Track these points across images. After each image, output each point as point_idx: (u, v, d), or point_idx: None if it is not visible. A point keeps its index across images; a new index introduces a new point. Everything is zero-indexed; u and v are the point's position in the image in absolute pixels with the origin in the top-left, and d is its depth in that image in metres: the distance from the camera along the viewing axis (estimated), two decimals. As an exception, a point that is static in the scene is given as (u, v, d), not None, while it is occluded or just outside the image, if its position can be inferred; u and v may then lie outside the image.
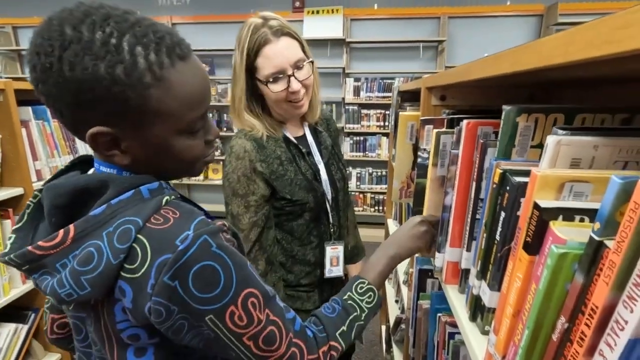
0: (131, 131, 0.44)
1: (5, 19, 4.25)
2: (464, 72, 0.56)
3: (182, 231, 0.42)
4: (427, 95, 0.91)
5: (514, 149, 0.49)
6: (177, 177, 0.54)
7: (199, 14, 3.95)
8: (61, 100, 0.41)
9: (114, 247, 0.41)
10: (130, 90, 0.41)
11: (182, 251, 0.41)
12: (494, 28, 3.71)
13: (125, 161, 0.46)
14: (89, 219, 0.42)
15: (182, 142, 0.47)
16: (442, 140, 0.67)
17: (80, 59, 0.38)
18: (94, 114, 0.42)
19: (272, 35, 0.86)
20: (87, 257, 0.41)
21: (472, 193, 0.57)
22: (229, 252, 0.45)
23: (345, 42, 3.74)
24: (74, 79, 0.39)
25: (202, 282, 0.42)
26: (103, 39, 0.39)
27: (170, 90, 0.43)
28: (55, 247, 0.41)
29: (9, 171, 1.31)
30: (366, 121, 3.87)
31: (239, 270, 0.45)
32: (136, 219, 0.42)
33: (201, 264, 0.42)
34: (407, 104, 1.42)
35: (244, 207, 0.92)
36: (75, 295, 0.41)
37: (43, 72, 0.40)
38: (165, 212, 0.45)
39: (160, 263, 0.41)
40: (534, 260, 0.34)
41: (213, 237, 0.44)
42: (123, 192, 0.44)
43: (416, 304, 0.89)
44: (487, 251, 0.50)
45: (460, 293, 0.65)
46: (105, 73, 0.39)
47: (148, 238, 0.42)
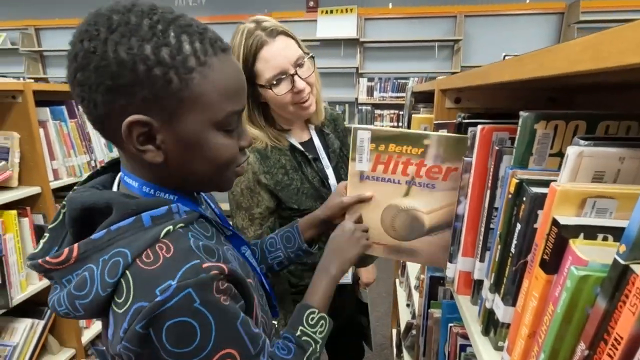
0: (168, 121, 0.42)
1: (28, 20, 4.39)
2: (482, 75, 0.53)
3: (166, 279, 0.39)
4: (441, 97, 0.88)
5: (531, 157, 0.46)
6: (206, 188, 0.52)
7: (214, 14, 3.99)
8: (99, 87, 0.39)
9: (104, 279, 0.40)
10: (174, 73, 0.40)
11: (159, 303, 0.38)
12: (512, 27, 3.62)
13: (159, 158, 0.44)
14: (89, 242, 0.42)
15: (217, 139, 0.45)
16: (360, 136, 0.69)
17: (126, 40, 0.39)
18: (133, 99, 0.40)
19: (268, 37, 0.82)
20: (81, 283, 0.41)
21: (486, 202, 0.55)
22: (215, 309, 0.41)
23: (359, 42, 3.71)
24: (117, 60, 0.38)
25: (175, 337, 0.39)
26: (150, 24, 0.40)
27: (211, 78, 0.43)
28: (61, 264, 0.42)
29: (27, 170, 1.34)
30: (379, 121, 3.84)
31: (221, 328, 0.41)
32: (127, 251, 0.41)
33: (177, 319, 0.39)
34: (421, 105, 1.39)
35: (249, 220, 0.90)
36: (71, 315, 0.42)
37: (85, 58, 0.39)
38: (160, 247, 0.42)
39: (136, 310, 0.39)
40: (552, 280, 0.32)
41: (199, 290, 0.40)
42: (125, 217, 0.43)
43: (427, 312, 0.87)
44: (501, 264, 0.48)
45: (473, 304, 0.62)
46: (150, 53, 0.39)
47: (134, 277, 0.40)
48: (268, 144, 0.91)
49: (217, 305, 0.41)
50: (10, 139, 1.29)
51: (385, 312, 2.49)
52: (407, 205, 0.70)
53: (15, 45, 4.37)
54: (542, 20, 3.58)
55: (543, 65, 0.31)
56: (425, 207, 0.69)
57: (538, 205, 0.40)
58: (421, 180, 0.68)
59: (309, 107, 0.90)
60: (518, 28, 3.61)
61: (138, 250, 0.41)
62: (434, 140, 0.64)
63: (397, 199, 0.70)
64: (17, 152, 1.30)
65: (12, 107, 1.29)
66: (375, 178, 0.71)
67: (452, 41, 3.67)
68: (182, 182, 0.49)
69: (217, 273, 0.42)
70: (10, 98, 1.28)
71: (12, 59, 4.53)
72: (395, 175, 0.69)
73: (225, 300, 0.42)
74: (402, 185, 0.69)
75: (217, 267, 0.42)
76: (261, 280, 0.64)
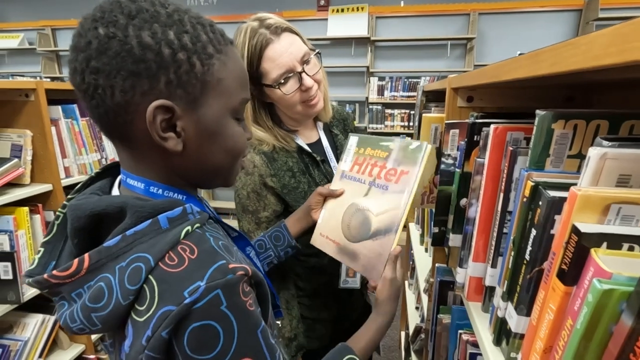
0: (190, 107, 0.42)
1: (45, 21, 4.48)
2: (495, 73, 0.51)
3: (194, 280, 0.37)
4: (452, 96, 0.85)
5: (548, 158, 0.44)
6: (215, 182, 0.51)
7: (226, 13, 4.00)
8: (119, 72, 0.38)
9: (124, 287, 0.38)
10: (196, 57, 0.41)
11: (188, 305, 0.36)
12: (528, 25, 3.53)
13: (179, 147, 0.42)
14: (103, 251, 0.39)
15: (233, 126, 0.46)
16: (350, 140, 0.81)
17: (149, 25, 0.39)
18: (156, 83, 0.39)
19: (272, 34, 0.79)
20: (97, 294, 0.38)
21: (499, 205, 0.52)
22: (240, 313, 0.39)
23: (369, 41, 3.67)
24: (141, 44, 0.38)
25: (197, 342, 0.37)
26: (167, 13, 0.40)
27: (228, 64, 0.44)
28: (70, 276, 0.39)
29: (39, 168, 1.36)
30: (390, 121, 3.79)
31: (242, 335, 0.39)
32: (148, 256, 0.39)
33: (203, 322, 0.37)
34: (433, 105, 1.36)
35: (255, 224, 0.89)
36: (87, 330, 0.40)
37: (103, 44, 0.38)
38: (183, 249, 0.40)
39: (163, 314, 0.36)
40: (571, 292, 0.30)
41: (228, 292, 0.38)
42: (141, 221, 0.41)
43: (436, 317, 0.85)
44: (514, 271, 0.46)
45: (484, 312, 0.60)
46: (174, 38, 0.39)
47: (158, 281, 0.38)
48: (275, 146, 0.89)
49: (243, 309, 0.40)
50: (23, 136, 1.31)
51: (393, 314, 2.45)
52: (363, 205, 0.73)
53: (32, 45, 4.46)
54: (559, 18, 3.48)
55: (562, 60, 0.29)
56: (376, 209, 0.71)
57: (555, 210, 0.38)
58: (379, 182, 0.72)
59: (317, 104, 0.87)
60: (533, 26, 3.51)
61: (160, 253, 0.39)
62: (397, 144, 0.71)
63: (358, 198, 0.75)
64: (30, 150, 1.32)
65: (25, 106, 1.31)
66: (349, 177, 0.78)
67: (465, 39, 3.60)
68: (193, 176, 0.48)
69: (242, 274, 0.40)
70: (24, 96, 1.30)
71: (30, 59, 4.63)
72: (363, 175, 0.75)
73: (249, 305, 0.41)
74: (365, 186, 0.74)
75: (242, 268, 0.40)
76: (266, 280, 0.63)
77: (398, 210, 0.67)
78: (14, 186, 1.29)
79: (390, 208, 0.69)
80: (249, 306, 0.40)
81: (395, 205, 0.68)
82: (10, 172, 1.23)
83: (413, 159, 0.67)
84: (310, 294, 0.99)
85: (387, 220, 0.69)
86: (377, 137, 0.76)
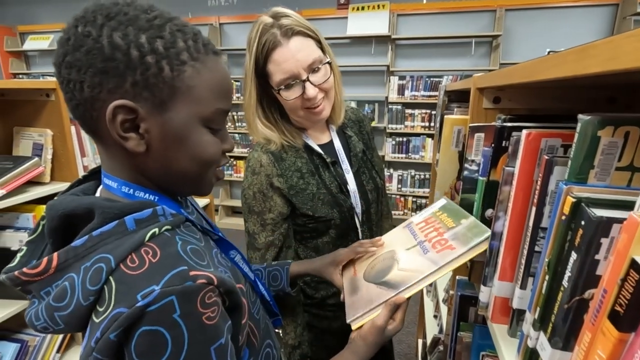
0: (156, 110, 0.42)
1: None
2: (529, 71, 0.45)
3: (150, 283, 0.37)
4: (477, 96, 0.79)
5: (592, 170, 0.38)
6: (185, 189, 0.50)
7: (246, 13, 4.01)
8: (89, 69, 0.39)
9: (85, 288, 0.38)
10: (166, 62, 0.41)
11: (140, 308, 0.35)
12: (558, 21, 3.35)
13: (141, 148, 0.43)
14: (70, 250, 0.40)
15: (202, 135, 0.45)
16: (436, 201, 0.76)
17: (123, 27, 0.40)
18: (122, 83, 0.40)
19: (282, 37, 0.76)
20: (61, 294, 0.38)
21: (531, 220, 0.47)
22: (193, 325, 0.38)
23: (390, 39, 3.59)
24: (111, 43, 0.39)
25: (143, 347, 0.36)
26: (148, 18, 0.41)
27: (203, 73, 0.44)
28: (39, 274, 0.40)
29: (59, 166, 1.38)
30: (410, 121, 3.70)
31: (193, 349, 0.38)
32: (110, 257, 0.39)
33: (153, 327, 0.36)
34: (455, 105, 1.30)
35: (260, 226, 0.86)
36: (50, 329, 0.40)
37: (77, 41, 0.40)
38: (146, 251, 0.40)
39: (114, 316, 0.36)
40: (627, 339, 0.24)
41: (183, 300, 0.37)
42: (108, 222, 0.41)
43: (456, 335, 0.79)
44: (549, 297, 0.40)
45: (511, 336, 0.54)
46: (145, 42, 0.40)
47: (117, 283, 0.38)
48: (283, 145, 0.86)
49: (198, 321, 0.38)
50: (44, 135, 1.33)
51: (411, 320, 2.38)
52: (398, 255, 0.70)
53: (61, 46, 4.64)
54: (592, 13, 3.28)
55: (622, 55, 0.23)
56: (403, 264, 0.68)
57: (602, 232, 0.32)
58: (426, 245, 0.68)
59: (320, 112, 0.84)
60: (564, 22, 3.33)
61: (122, 254, 0.39)
62: (468, 222, 0.66)
63: (400, 248, 0.72)
64: (50, 149, 1.34)
65: (46, 105, 1.33)
66: (410, 229, 0.76)
67: (490, 37, 3.46)
68: (161, 180, 0.47)
69: (204, 282, 0.39)
70: (44, 96, 1.32)
71: (59, 59, 4.81)
72: (421, 233, 0.73)
73: (207, 318, 0.39)
74: (414, 241, 0.72)
75: (205, 277, 0.39)
76: (254, 285, 0.61)
77: (418, 274, 0.63)
78: (35, 184, 1.31)
79: (414, 270, 0.65)
80: (205, 319, 0.39)
81: (420, 270, 0.63)
82: (30, 171, 1.25)
83: (466, 241, 0.62)
84: (319, 304, 0.95)
85: (402, 277, 0.65)
86: (461, 209, 0.71)
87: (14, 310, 1.19)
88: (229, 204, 4.30)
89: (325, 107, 0.84)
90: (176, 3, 4.17)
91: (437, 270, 0.61)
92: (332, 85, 0.84)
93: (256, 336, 0.54)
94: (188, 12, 4.13)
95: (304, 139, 0.89)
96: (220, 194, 4.30)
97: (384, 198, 1.08)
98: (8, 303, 1.21)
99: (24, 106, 1.34)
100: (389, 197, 3.82)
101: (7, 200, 1.15)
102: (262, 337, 0.56)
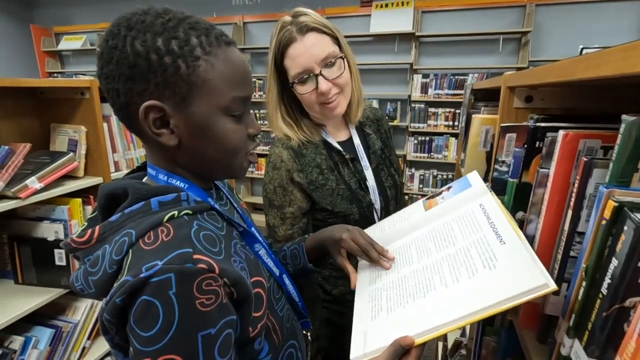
0: (179, 106, 0.46)
1: (105, 23, 4.81)
2: (567, 70, 0.43)
3: (155, 258, 0.40)
4: (508, 95, 0.77)
5: (636, 174, 0.36)
6: (219, 174, 0.54)
7: (269, 12, 4.05)
8: (119, 77, 0.44)
9: (111, 257, 0.43)
10: (182, 60, 0.44)
11: (142, 279, 0.39)
12: (593, 16, 3.19)
13: (173, 142, 0.47)
14: (107, 225, 0.45)
15: (223, 124, 0.48)
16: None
17: (142, 35, 0.44)
18: (147, 85, 0.44)
19: (297, 33, 0.79)
20: (95, 260, 0.44)
21: (566, 224, 0.45)
22: (185, 306, 0.39)
23: (414, 36, 3.53)
24: (133, 51, 0.43)
25: (140, 315, 0.39)
26: (162, 22, 0.45)
27: (216, 65, 0.46)
28: (84, 243, 0.46)
29: (92, 162, 1.44)
30: (433, 120, 3.63)
31: (180, 330, 0.39)
32: (133, 232, 0.43)
33: (150, 298, 0.39)
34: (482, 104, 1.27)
35: (280, 219, 0.88)
36: (85, 292, 0.45)
37: (109, 53, 0.45)
38: (162, 230, 0.44)
39: (121, 283, 0.40)
40: (677, 351, 0.23)
41: (180, 279, 0.39)
42: (137, 202, 0.46)
43: (480, 339, 0.77)
44: (586, 304, 0.39)
45: (540, 342, 0.53)
46: (161, 44, 0.44)
47: (133, 255, 0.42)
48: (303, 141, 0.88)
49: (190, 304, 0.39)
50: (79, 132, 1.39)
51: (431, 322, 2.34)
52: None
53: (93, 46, 4.82)
54: (631, 8, 3.11)
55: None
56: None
57: (647, 239, 0.31)
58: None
59: (335, 108, 0.85)
60: (600, 17, 3.17)
61: (142, 231, 0.43)
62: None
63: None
64: (84, 145, 1.40)
65: (81, 103, 1.39)
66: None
67: (519, 33, 3.34)
68: (195, 168, 0.52)
69: (203, 267, 0.41)
70: (79, 94, 1.38)
71: (91, 59, 5.01)
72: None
73: (201, 304, 0.40)
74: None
75: (206, 262, 0.41)
76: (280, 282, 0.62)
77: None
78: (69, 178, 1.38)
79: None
80: (199, 304, 0.40)
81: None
82: (66, 166, 1.31)
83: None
84: (338, 299, 0.95)
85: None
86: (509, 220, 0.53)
87: (49, 297, 1.26)
88: (250, 200, 4.36)
89: (340, 103, 0.85)
90: (201, 2, 4.26)
91: (466, 317, 0.45)
92: (348, 81, 0.85)
93: (277, 333, 0.55)
94: (213, 11, 4.20)
95: (324, 135, 0.91)
96: (242, 191, 4.36)
97: (402, 197, 1.07)
98: (44, 290, 1.28)
99: (61, 104, 1.41)
100: (411, 197, 3.77)
101: (44, 193, 1.21)
102: (285, 336, 0.56)
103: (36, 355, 1.23)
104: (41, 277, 1.30)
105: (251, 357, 0.50)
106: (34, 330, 1.28)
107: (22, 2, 5.15)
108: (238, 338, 0.46)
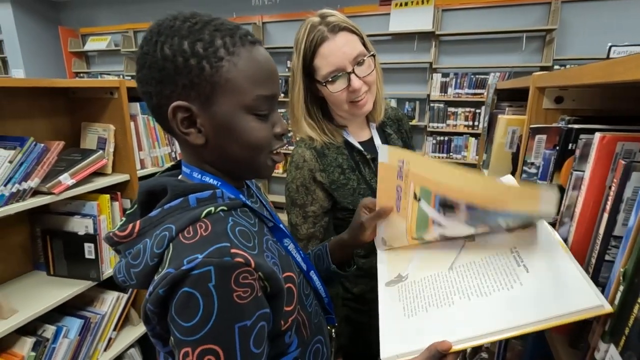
0: (204, 105, 0.47)
1: (128, 24, 4.95)
2: (605, 71, 0.43)
3: (195, 252, 0.42)
4: (537, 96, 0.76)
5: (678, 177, 0.36)
6: (245, 173, 0.55)
7: (288, 11, 4.08)
8: (151, 81, 0.47)
9: (152, 250, 0.45)
10: (206, 62, 0.46)
11: (184, 271, 0.41)
12: (621, 13, 3.08)
13: (200, 141, 0.49)
14: (147, 219, 0.48)
15: (248, 122, 0.49)
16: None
17: (170, 39, 0.46)
18: (175, 87, 0.46)
19: (329, 32, 0.80)
20: (136, 253, 0.46)
21: (602, 227, 0.44)
22: (224, 298, 0.41)
23: (434, 35, 3.49)
24: (162, 55, 0.46)
25: (181, 306, 0.41)
26: (189, 26, 0.47)
27: (239, 65, 0.47)
28: (126, 237, 0.48)
29: (119, 159, 1.49)
30: (453, 120, 3.58)
31: (219, 321, 0.41)
32: (173, 227, 0.45)
33: (192, 290, 0.41)
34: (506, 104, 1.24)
35: (302, 218, 0.89)
36: (127, 283, 0.48)
37: (142, 59, 0.48)
38: (200, 225, 0.45)
39: (163, 275, 0.42)
40: None
41: (219, 272, 0.41)
42: (176, 198, 0.48)
43: (506, 341, 0.77)
44: (623, 309, 0.38)
45: (571, 347, 0.52)
46: (187, 47, 0.46)
47: (174, 248, 0.44)
48: (324, 142, 0.89)
49: (228, 296, 0.41)
50: (108, 130, 1.44)
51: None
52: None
53: (117, 46, 4.97)
54: (662, 4, 2.99)
55: None
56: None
57: (692, 244, 0.30)
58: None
59: (364, 106, 0.86)
60: (628, 14, 3.05)
61: (182, 226, 0.45)
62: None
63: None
64: (112, 143, 1.45)
65: (110, 102, 1.44)
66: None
67: (544, 31, 3.26)
68: (222, 167, 0.53)
69: (240, 261, 0.43)
70: (109, 94, 1.43)
71: (115, 59, 5.17)
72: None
73: (238, 296, 0.42)
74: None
75: (243, 257, 0.43)
76: (308, 277, 0.63)
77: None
78: (98, 175, 1.43)
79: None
80: (236, 296, 0.42)
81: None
82: (96, 163, 1.36)
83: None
84: (359, 298, 0.96)
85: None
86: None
87: (79, 289, 1.31)
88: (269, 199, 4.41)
89: (368, 101, 0.87)
90: (221, 3, 4.32)
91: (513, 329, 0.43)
92: (375, 79, 0.87)
93: (307, 328, 0.56)
94: (233, 11, 4.27)
95: (345, 136, 0.92)
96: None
97: None
98: (74, 282, 1.33)
99: (91, 103, 1.46)
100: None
101: (76, 189, 1.26)
102: (313, 332, 0.58)
103: (67, 344, 1.28)
104: (72, 269, 1.36)
105: (281, 350, 0.52)
106: (65, 320, 1.33)
107: (51, 4, 5.34)
108: (270, 331, 0.47)
